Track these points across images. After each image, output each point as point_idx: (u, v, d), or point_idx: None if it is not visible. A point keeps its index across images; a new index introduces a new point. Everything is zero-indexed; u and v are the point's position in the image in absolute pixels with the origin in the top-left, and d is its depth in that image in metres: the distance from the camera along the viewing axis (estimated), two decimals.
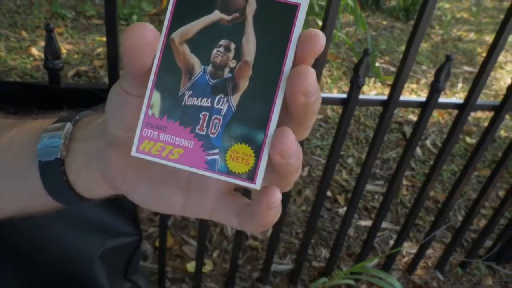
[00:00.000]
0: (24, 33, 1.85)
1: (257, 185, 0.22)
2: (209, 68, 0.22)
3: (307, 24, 1.32)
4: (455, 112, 1.77)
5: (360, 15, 1.37)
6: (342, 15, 2.36)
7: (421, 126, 0.82)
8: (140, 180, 0.26)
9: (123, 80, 0.23)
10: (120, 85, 0.23)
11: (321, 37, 0.21)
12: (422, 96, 1.89)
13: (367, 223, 1.25)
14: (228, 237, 1.16)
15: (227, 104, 0.22)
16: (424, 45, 2.36)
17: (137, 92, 0.23)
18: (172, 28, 0.22)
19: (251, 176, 0.22)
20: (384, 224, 1.25)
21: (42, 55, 0.90)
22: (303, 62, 0.22)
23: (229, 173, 0.22)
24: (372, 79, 1.95)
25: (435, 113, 1.78)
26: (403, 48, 2.27)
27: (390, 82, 1.94)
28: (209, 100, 0.22)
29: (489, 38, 2.59)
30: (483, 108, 0.87)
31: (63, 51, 1.76)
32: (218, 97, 0.22)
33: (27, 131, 0.31)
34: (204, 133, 0.22)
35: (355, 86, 0.73)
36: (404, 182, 1.42)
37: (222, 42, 0.22)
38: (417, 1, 2.68)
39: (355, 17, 1.35)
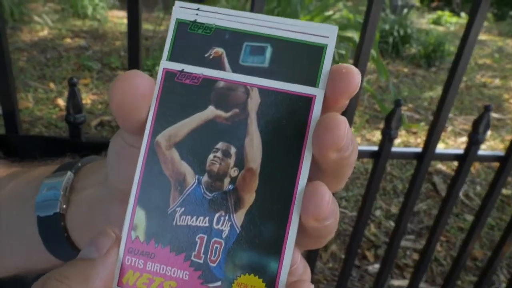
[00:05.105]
0: (51, 85, 1.91)
1: None
2: (205, 178, 0.18)
3: None
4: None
5: (382, 63, 1.36)
6: None
7: (459, 180, 0.76)
8: None
9: (124, 132, 0.21)
10: (122, 137, 0.21)
11: (356, 73, 0.17)
12: (449, 144, 1.82)
13: (400, 282, 1.15)
14: None
15: (229, 223, 0.18)
16: None
17: (140, 144, 0.20)
18: (157, 129, 0.18)
19: None
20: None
21: None
22: (334, 103, 0.18)
23: None
24: None
25: None
26: (426, 95, 2.24)
27: (414, 130, 1.89)
28: (207, 219, 0.18)
29: None
30: None
31: (88, 101, 1.80)
32: (217, 215, 0.18)
33: (28, 181, 0.29)
34: (201, 261, 0.18)
35: (387, 138, 0.69)
36: None
37: (220, 145, 0.18)
38: (438, 48, 2.69)
39: (377, 66, 1.34)
